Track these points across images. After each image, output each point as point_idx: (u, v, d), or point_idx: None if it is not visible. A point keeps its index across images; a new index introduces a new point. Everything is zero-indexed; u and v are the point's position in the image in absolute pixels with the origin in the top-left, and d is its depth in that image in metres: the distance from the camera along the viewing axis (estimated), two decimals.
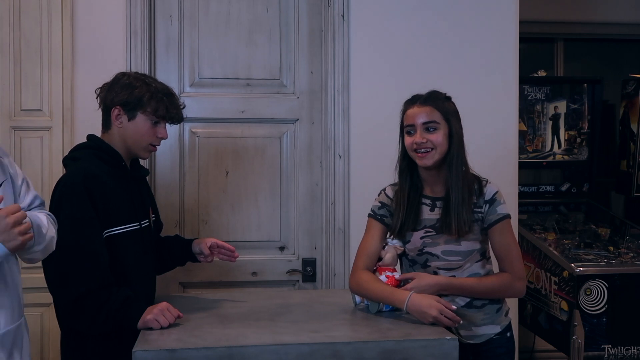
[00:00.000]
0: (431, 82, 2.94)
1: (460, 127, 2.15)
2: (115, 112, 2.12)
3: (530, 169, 3.99)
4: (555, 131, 4.03)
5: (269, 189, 3.02)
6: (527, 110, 3.97)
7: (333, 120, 2.96)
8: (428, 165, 2.10)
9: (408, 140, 2.12)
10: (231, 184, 3.01)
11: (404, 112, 2.16)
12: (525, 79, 3.90)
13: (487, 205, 2.13)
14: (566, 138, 4.05)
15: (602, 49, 4.92)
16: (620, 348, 3.04)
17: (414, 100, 2.15)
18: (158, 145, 2.20)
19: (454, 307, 1.98)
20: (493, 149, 3.01)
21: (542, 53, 4.78)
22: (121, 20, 2.83)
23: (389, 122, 2.23)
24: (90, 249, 1.98)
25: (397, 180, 2.22)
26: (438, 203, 2.15)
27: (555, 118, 4.03)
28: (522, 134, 3.85)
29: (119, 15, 2.83)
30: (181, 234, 2.98)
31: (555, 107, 4.03)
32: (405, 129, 2.14)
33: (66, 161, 2.15)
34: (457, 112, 2.17)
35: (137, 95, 2.10)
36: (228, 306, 2.23)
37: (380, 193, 2.26)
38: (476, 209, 2.12)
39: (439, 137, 2.09)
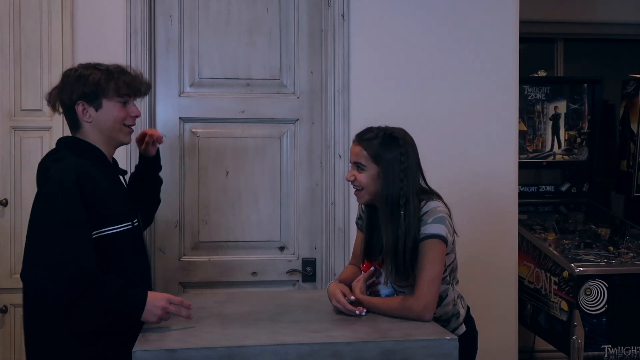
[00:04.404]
0: (431, 82, 2.99)
1: (399, 171, 2.05)
2: (79, 108, 2.03)
3: (530, 169, 3.99)
4: (555, 131, 4.03)
5: (269, 189, 3.02)
6: (527, 110, 3.97)
7: (333, 120, 2.96)
8: (361, 203, 2.18)
9: None
10: (231, 184, 3.01)
11: None
12: (525, 79, 3.90)
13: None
14: (566, 138, 4.05)
15: (602, 49, 4.92)
16: (620, 348, 3.04)
17: (356, 137, 2.16)
18: (133, 125, 2.12)
19: (353, 298, 2.07)
20: (493, 149, 3.01)
21: (542, 53, 4.78)
22: (121, 20, 2.83)
23: (389, 122, 2.22)
24: (72, 251, 1.87)
25: None
26: None
27: (555, 118, 4.03)
28: (522, 134, 3.86)
29: (119, 15, 2.83)
30: (181, 234, 2.99)
31: (555, 107, 4.03)
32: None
33: (48, 163, 2.00)
34: (397, 156, 2.06)
35: (92, 82, 2.01)
36: (228, 306, 2.23)
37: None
38: None
39: (363, 178, 2.10)
